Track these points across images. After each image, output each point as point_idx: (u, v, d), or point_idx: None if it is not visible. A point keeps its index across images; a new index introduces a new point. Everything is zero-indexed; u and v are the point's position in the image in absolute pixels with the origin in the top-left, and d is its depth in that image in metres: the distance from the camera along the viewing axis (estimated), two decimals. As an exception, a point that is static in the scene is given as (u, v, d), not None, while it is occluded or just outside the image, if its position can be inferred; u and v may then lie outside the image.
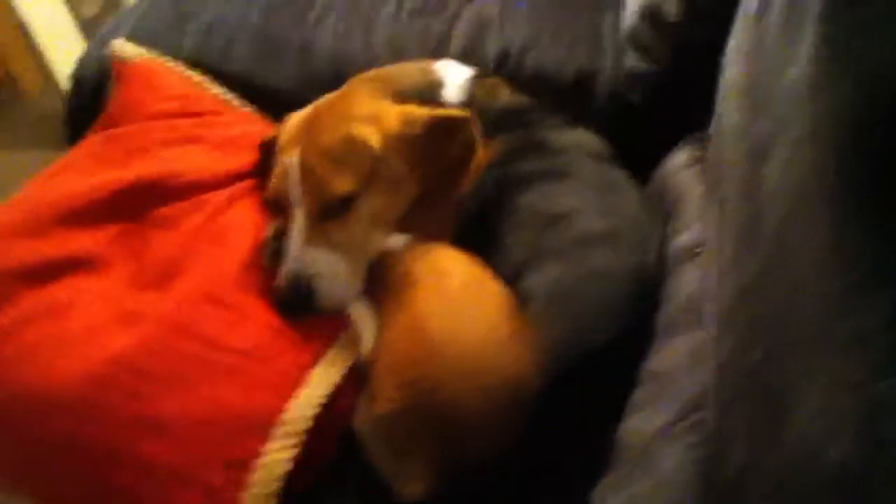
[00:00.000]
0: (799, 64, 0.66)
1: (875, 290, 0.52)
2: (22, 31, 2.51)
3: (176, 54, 1.48)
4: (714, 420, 0.72)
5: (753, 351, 0.66)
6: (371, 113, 1.11)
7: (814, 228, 0.59)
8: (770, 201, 0.68)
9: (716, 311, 0.79)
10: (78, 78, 1.57)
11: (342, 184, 1.06)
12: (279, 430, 0.96)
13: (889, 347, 0.49)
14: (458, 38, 1.45)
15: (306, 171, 1.08)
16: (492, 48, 1.43)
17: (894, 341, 0.49)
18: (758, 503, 0.59)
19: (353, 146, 1.08)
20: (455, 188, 1.14)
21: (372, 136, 1.08)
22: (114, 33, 1.54)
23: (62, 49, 2.51)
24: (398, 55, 1.40)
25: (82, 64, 1.58)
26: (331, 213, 1.08)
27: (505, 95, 1.26)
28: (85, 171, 1.22)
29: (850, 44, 0.60)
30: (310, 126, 1.12)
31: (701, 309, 0.89)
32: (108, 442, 0.94)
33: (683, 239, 1.04)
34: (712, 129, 1.01)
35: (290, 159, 1.09)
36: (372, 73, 1.25)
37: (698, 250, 0.99)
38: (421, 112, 1.10)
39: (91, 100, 1.51)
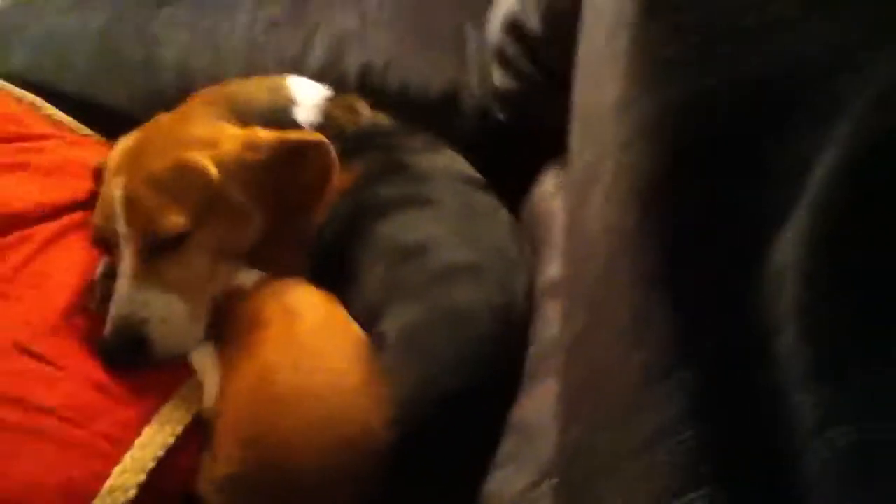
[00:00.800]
0: (610, 92, 0.60)
1: (670, 372, 0.45)
2: None
3: (4, 73, 1.34)
4: (558, 491, 0.65)
5: (573, 428, 0.58)
6: (207, 136, 1.00)
7: (619, 287, 0.52)
8: (592, 247, 0.61)
9: (559, 371, 0.72)
10: None
11: (173, 219, 0.95)
12: (97, 502, 0.84)
13: (680, 455, 0.42)
14: (317, 52, 1.36)
15: (132, 203, 0.96)
16: (353, 63, 1.34)
17: (686, 446, 0.42)
18: None
19: (186, 175, 0.97)
20: (308, 218, 1.04)
21: (208, 164, 0.97)
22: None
23: None
24: (252, 71, 1.30)
25: None
26: (163, 249, 0.96)
27: (364, 115, 1.17)
28: None
29: (655, 60, 0.54)
30: (137, 152, 1.00)
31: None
32: None
33: (549, 274, 0.98)
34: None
35: (114, 190, 0.97)
36: (213, 90, 1.14)
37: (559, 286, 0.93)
38: (267, 135, 1.00)
39: None
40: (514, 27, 1.22)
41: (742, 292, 0.43)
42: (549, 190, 1.09)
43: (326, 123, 1.12)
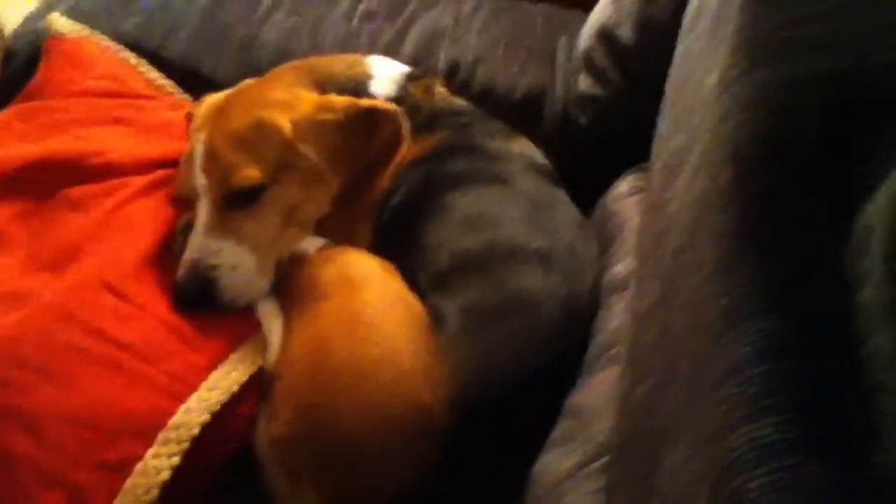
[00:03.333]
0: (714, 72, 0.62)
1: (744, 319, 0.47)
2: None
3: (116, 34, 1.41)
4: (609, 465, 0.66)
5: (640, 387, 0.60)
6: (286, 99, 1.05)
7: (704, 245, 0.54)
8: (675, 217, 0.63)
9: (625, 344, 0.74)
10: (10, 51, 1.49)
11: (248, 172, 0.99)
12: (163, 435, 0.88)
13: (750, 388, 0.43)
14: (409, 45, 1.40)
15: (212, 157, 1.01)
16: (442, 58, 1.38)
17: (757, 380, 0.43)
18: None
19: (263, 133, 1.01)
20: (375, 185, 1.07)
21: (284, 123, 1.01)
22: (53, 7, 1.46)
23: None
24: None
25: (16, 37, 1.50)
26: (238, 203, 1.01)
27: (441, 95, 1.19)
28: (-6, 143, 1.14)
29: (760, 48, 0.56)
30: (220, 111, 1.06)
31: (622, 344, 0.83)
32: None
33: (617, 270, 0.99)
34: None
35: (195, 145, 1.02)
36: (298, 61, 1.19)
37: (628, 282, 0.94)
38: (340, 100, 1.04)
39: (22, 74, 1.43)
40: (606, 35, 1.24)
41: (830, 248, 0.44)
42: (623, 191, 1.10)
43: (401, 98, 1.14)
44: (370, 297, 0.94)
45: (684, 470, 0.47)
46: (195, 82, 1.38)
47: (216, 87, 1.27)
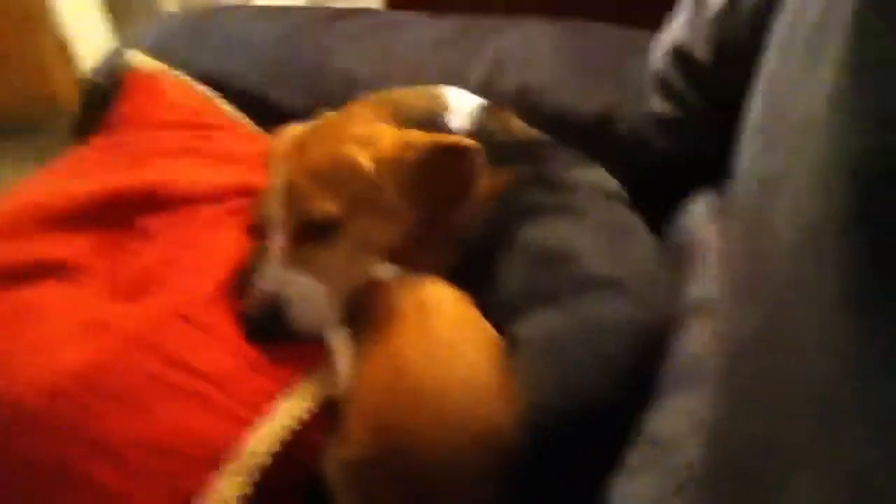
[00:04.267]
0: (817, 88, 0.58)
1: (884, 353, 0.42)
2: (61, 46, 2.54)
3: (191, 69, 1.45)
4: (695, 495, 0.62)
5: (746, 422, 0.56)
6: (366, 135, 1.05)
7: (821, 272, 0.50)
8: (777, 242, 0.59)
9: (713, 370, 0.70)
10: (90, 86, 1.54)
11: (325, 206, 1.00)
12: (234, 465, 0.87)
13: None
14: (478, 72, 1.39)
15: (290, 189, 1.01)
16: (511, 82, 1.36)
17: None
18: None
19: (343, 168, 1.01)
20: (454, 220, 1.06)
21: (364, 159, 1.02)
22: (132, 43, 1.51)
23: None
24: (413, 83, 1.34)
25: (96, 73, 1.55)
26: (313, 236, 1.01)
27: (516, 128, 1.19)
28: (73, 176, 1.18)
29: (873, 58, 0.52)
30: (301, 145, 1.06)
31: (705, 368, 0.80)
32: (52, 459, 0.86)
33: (695, 293, 0.96)
34: (732, 176, 0.93)
35: (276, 178, 1.03)
36: (377, 94, 1.19)
37: (709, 306, 0.90)
38: (421, 137, 1.04)
39: (101, 108, 1.47)
40: (681, 55, 1.20)
41: None
42: (700, 212, 1.06)
43: (478, 131, 1.14)
44: (446, 319, 0.94)
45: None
46: (266, 114, 1.39)
47: (285, 117, 1.29)
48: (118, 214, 1.13)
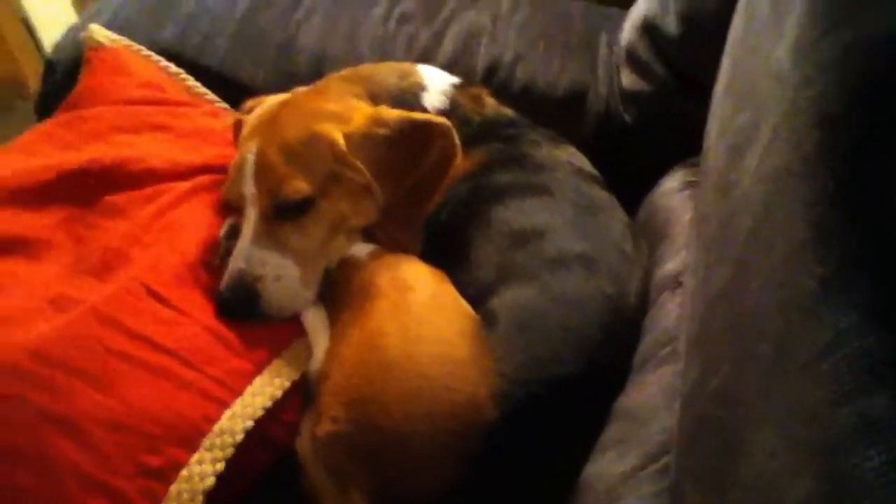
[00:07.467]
0: (783, 42, 0.59)
1: (846, 288, 0.44)
2: (29, 33, 2.50)
3: (154, 44, 1.41)
4: (674, 463, 0.63)
5: (713, 376, 0.57)
6: (339, 111, 1.04)
7: (787, 219, 0.51)
8: (745, 197, 0.60)
9: (685, 337, 0.71)
10: (51, 63, 1.50)
11: (299, 185, 0.98)
12: (207, 441, 0.87)
13: (856, 361, 0.40)
14: (447, 46, 1.38)
15: (262, 167, 1.00)
16: (481, 58, 1.36)
17: (859, 353, 0.40)
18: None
19: (316, 145, 1.00)
20: (427, 198, 1.06)
21: (338, 137, 1.00)
22: (92, 19, 1.47)
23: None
24: (382, 60, 1.33)
25: (57, 49, 1.51)
26: (287, 214, 1.00)
27: (489, 106, 1.18)
28: (35, 153, 1.15)
29: (837, 10, 0.53)
30: (272, 120, 1.04)
31: (677, 341, 0.81)
32: (11, 436, 0.83)
33: (668, 268, 0.97)
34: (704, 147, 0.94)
35: (246, 154, 1.01)
36: (349, 71, 1.18)
37: (681, 279, 0.91)
38: (393, 114, 1.03)
39: (63, 85, 1.44)
40: (649, 29, 1.21)
41: None
42: (674, 187, 1.07)
43: (451, 110, 1.13)
44: (421, 296, 0.95)
45: (774, 456, 0.45)
46: (233, 90, 1.37)
47: (254, 93, 1.27)
48: (83, 191, 1.11)
